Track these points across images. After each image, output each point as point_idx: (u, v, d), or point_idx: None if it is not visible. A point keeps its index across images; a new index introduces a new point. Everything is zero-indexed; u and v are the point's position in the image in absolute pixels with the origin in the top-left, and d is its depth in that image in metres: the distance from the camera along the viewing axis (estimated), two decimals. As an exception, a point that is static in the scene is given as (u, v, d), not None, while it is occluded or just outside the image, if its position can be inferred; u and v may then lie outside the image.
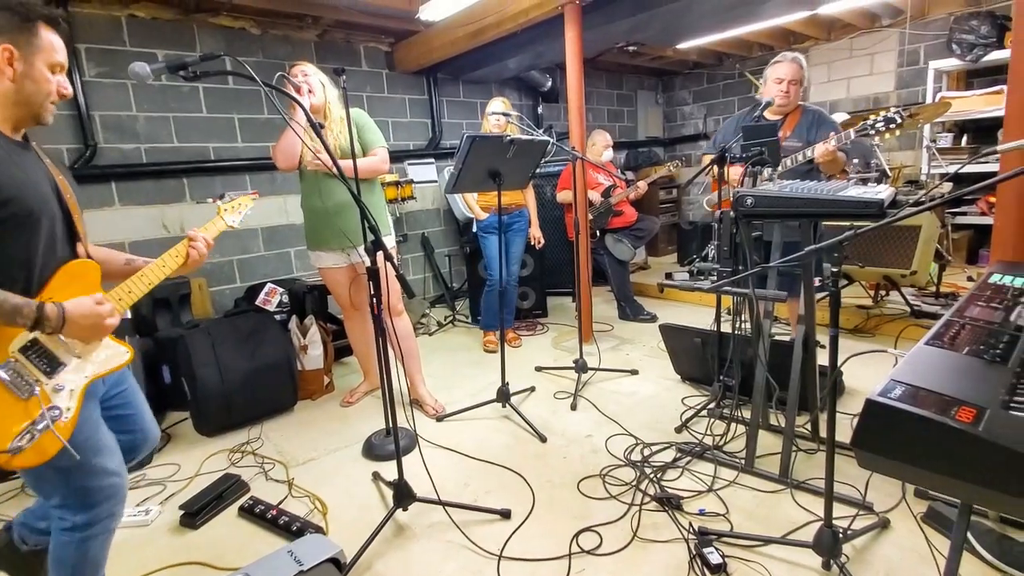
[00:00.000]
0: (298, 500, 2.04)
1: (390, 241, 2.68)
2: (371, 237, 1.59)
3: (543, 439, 2.35)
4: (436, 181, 4.95)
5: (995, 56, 4.18)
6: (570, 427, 2.47)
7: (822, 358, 1.88)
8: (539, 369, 3.18)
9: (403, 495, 1.79)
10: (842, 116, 4.43)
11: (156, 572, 1.70)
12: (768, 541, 1.62)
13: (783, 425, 2.00)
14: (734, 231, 1.89)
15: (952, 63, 4.47)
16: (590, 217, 3.90)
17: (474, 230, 3.59)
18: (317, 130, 1.54)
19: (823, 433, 1.84)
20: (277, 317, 3.19)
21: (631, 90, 6.83)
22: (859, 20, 4.98)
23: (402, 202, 4.28)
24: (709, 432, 2.24)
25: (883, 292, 3.65)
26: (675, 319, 3.43)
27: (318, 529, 1.80)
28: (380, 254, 1.60)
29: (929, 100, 4.59)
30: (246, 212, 1.75)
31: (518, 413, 2.54)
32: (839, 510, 1.67)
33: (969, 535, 1.51)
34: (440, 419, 2.60)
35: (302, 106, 1.58)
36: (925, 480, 0.90)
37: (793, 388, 1.93)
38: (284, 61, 4.08)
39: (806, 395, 2.06)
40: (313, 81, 2.39)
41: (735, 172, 2.53)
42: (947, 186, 4.00)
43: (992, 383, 0.95)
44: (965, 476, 0.85)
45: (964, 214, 4.47)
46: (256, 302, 3.35)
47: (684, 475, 2.01)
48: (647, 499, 1.87)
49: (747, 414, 2.10)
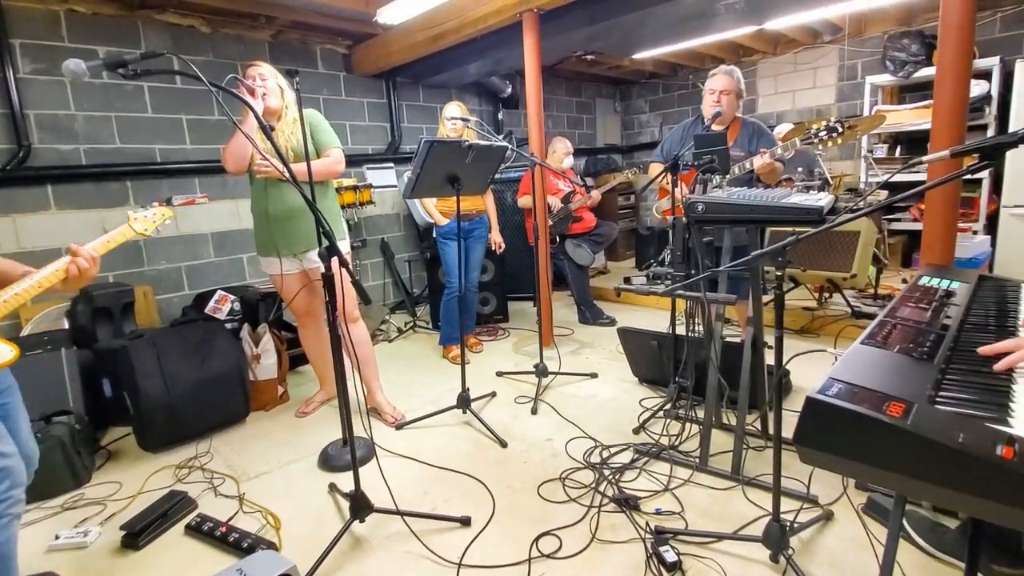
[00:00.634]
0: (249, 516, 1.96)
1: (344, 246, 2.63)
2: (325, 242, 1.56)
3: (503, 444, 2.35)
4: (395, 186, 4.89)
5: (924, 73, 4.48)
6: (531, 431, 2.48)
7: (771, 358, 1.96)
8: (500, 374, 3.18)
9: (360, 506, 1.75)
10: (787, 126, 4.64)
11: (93, 598, 1.61)
12: (721, 537, 1.66)
13: (735, 424, 2.07)
14: (687, 236, 1.95)
15: (886, 78, 4.75)
16: (550, 223, 3.95)
17: (434, 235, 3.57)
18: (268, 133, 1.50)
19: (772, 430, 1.91)
20: (228, 325, 3.08)
21: (590, 98, 6.95)
22: (802, 36, 5.24)
23: (360, 207, 4.21)
24: (665, 432, 2.29)
25: (827, 294, 3.83)
26: (633, 322, 3.50)
27: (270, 545, 1.74)
28: (335, 259, 1.57)
29: (866, 113, 4.86)
30: (162, 223, 1.68)
31: (478, 419, 2.53)
32: (787, 504, 1.74)
33: (905, 523, 1.59)
34: (399, 427, 2.56)
35: (252, 109, 1.54)
36: (861, 473, 0.95)
37: (743, 388, 2.00)
38: (236, 61, 3.96)
39: (756, 394, 2.14)
40: (271, 84, 2.33)
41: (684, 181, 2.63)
42: (883, 193, 4.24)
43: (920, 379, 1.01)
44: (896, 468, 0.89)
45: (899, 220, 4.74)
46: (205, 310, 3.22)
47: (642, 476, 2.04)
48: (606, 501, 1.89)
49: (701, 414, 2.16)
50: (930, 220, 2.17)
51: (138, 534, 1.81)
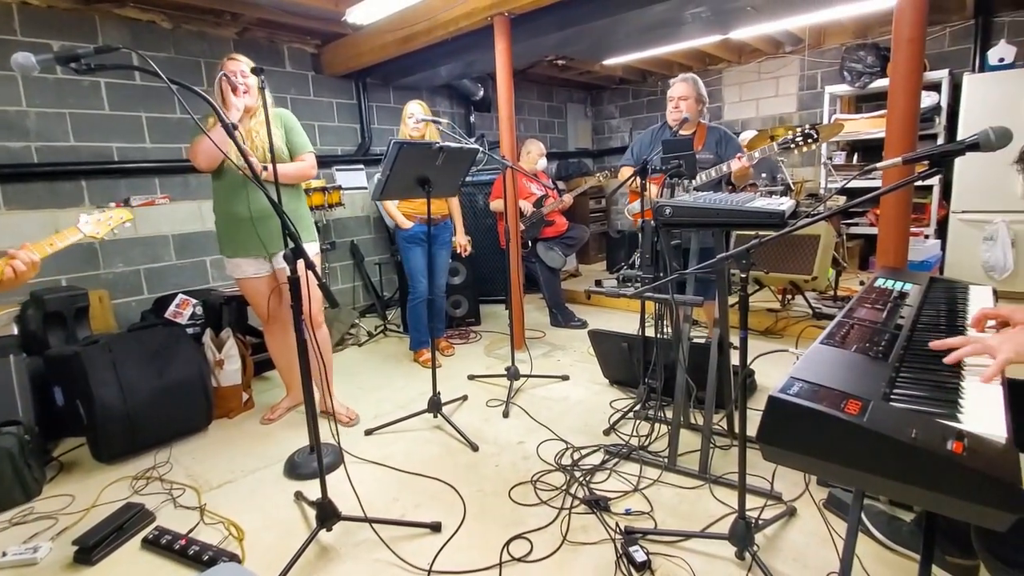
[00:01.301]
0: (211, 527, 1.90)
1: (314, 248, 2.58)
2: (291, 244, 1.52)
3: (475, 448, 2.33)
4: (366, 188, 4.83)
5: (879, 84, 4.67)
6: (502, 435, 2.47)
7: (738, 358, 2.00)
8: (472, 378, 3.17)
9: (327, 515, 1.71)
10: (751, 133, 4.77)
11: (42, 618, 1.53)
12: (688, 536, 1.69)
13: (703, 424, 2.11)
14: (655, 239, 1.98)
15: (844, 88, 4.94)
16: (522, 228, 3.95)
17: (396, 241, 3.52)
18: (230, 131, 1.46)
19: (738, 429, 1.96)
20: (189, 331, 2.98)
21: (561, 102, 7.01)
22: (765, 46, 5.40)
23: (330, 209, 4.14)
24: (635, 433, 2.32)
25: (789, 296, 3.95)
26: (604, 325, 3.54)
27: (233, 557, 1.69)
28: (301, 262, 1.53)
29: (826, 121, 5.04)
30: (119, 226, 1.62)
31: (450, 423, 2.51)
32: (752, 501, 1.78)
33: (864, 517, 1.65)
34: (369, 432, 2.52)
35: (223, 119, 1.46)
36: (821, 470, 0.98)
37: (710, 388, 2.04)
38: (200, 59, 3.85)
39: (722, 394, 2.18)
40: (251, 81, 2.27)
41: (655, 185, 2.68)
42: (842, 199, 4.40)
43: (876, 377, 1.04)
44: (855, 464, 0.92)
45: (857, 225, 4.93)
46: (166, 315, 3.11)
47: (612, 476, 2.06)
48: (576, 502, 1.90)
49: (671, 414, 2.19)
50: (885, 225, 2.26)
51: (91, 549, 1.73)
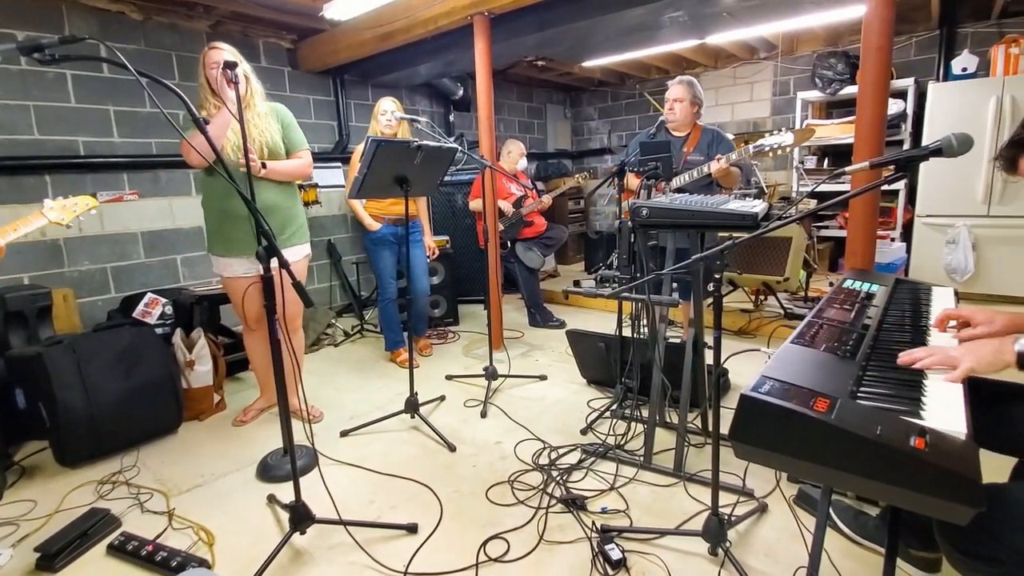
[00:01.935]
0: (180, 532, 1.85)
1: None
2: (265, 243, 1.49)
3: (452, 448, 2.32)
4: (343, 186, 4.76)
5: (849, 90, 4.80)
6: (480, 435, 2.46)
7: (712, 358, 2.04)
8: (449, 378, 3.15)
9: (300, 518, 1.68)
10: (728, 135, 4.85)
11: (-1, 629, 1.47)
12: (663, 533, 1.71)
13: (678, 422, 2.14)
14: (632, 240, 2.00)
15: (815, 95, 5.07)
16: (501, 228, 3.95)
17: (364, 242, 3.47)
18: (202, 127, 1.42)
19: (712, 427, 1.99)
20: (159, 331, 2.90)
21: (541, 103, 7.03)
22: (740, 51, 5.51)
23: (306, 207, 4.07)
24: (612, 432, 2.33)
25: (762, 297, 4.03)
26: (582, 325, 3.56)
27: (203, 562, 1.65)
28: (275, 262, 1.50)
29: (798, 126, 5.16)
30: (85, 212, 1.56)
31: (427, 423, 2.49)
32: (725, 498, 1.81)
33: (832, 512, 1.69)
34: (344, 433, 2.49)
35: (192, 113, 1.42)
36: (791, 466, 0.99)
37: (685, 387, 2.06)
38: (171, 52, 3.75)
39: (697, 393, 2.21)
40: (238, 71, 2.21)
41: (633, 183, 2.72)
42: (813, 202, 4.51)
43: (843, 376, 1.07)
44: (823, 461, 0.94)
45: (827, 227, 5.06)
46: (134, 314, 3.02)
47: (589, 475, 2.07)
48: (553, 502, 1.90)
49: (647, 413, 2.21)
50: (853, 228, 2.32)
51: (54, 556, 1.67)
